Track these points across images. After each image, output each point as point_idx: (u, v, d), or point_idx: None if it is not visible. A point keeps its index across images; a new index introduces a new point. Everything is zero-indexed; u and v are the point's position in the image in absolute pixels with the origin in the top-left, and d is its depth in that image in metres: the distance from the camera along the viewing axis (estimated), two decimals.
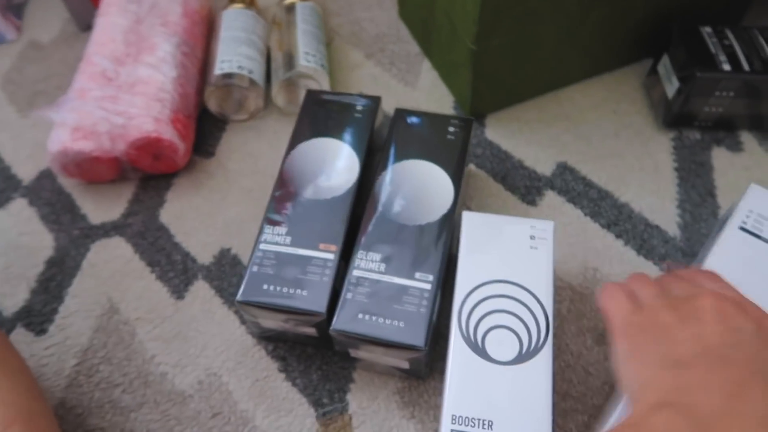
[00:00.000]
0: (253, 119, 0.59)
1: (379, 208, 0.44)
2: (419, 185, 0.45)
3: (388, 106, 0.59)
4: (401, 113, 0.49)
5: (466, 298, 0.39)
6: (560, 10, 0.50)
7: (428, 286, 0.40)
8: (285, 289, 0.41)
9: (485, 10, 0.47)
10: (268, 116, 0.60)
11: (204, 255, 0.51)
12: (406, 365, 0.41)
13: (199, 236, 0.52)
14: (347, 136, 0.48)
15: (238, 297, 0.41)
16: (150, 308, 0.49)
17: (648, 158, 0.55)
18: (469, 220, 0.42)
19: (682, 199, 0.52)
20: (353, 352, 0.42)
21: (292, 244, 0.43)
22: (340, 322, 0.40)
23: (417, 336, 0.39)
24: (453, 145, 0.47)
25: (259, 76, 0.57)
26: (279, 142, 0.57)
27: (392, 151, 0.47)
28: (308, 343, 0.46)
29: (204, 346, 0.47)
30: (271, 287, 0.41)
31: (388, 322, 0.39)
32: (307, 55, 0.57)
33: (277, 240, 0.43)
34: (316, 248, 0.42)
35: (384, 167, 0.46)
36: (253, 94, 0.57)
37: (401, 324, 0.39)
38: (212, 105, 0.57)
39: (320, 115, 0.49)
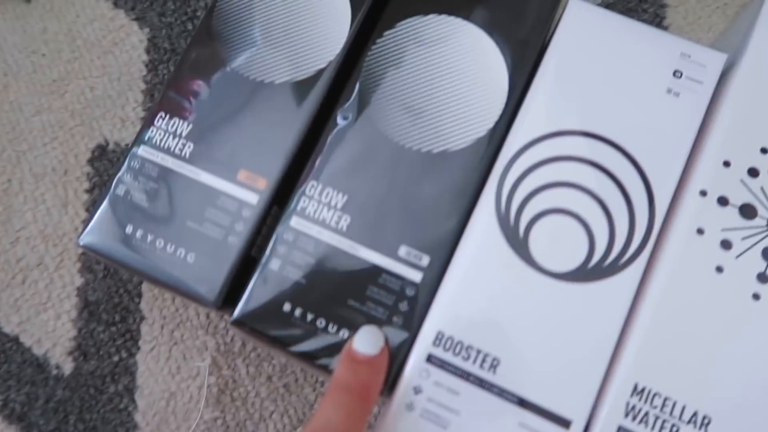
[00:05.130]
0: None
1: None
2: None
3: None
4: None
5: (515, 157, 0.23)
6: None
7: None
8: (160, 243, 0.25)
9: None
10: None
11: None
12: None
13: None
14: None
15: (80, 240, 0.25)
16: None
17: None
18: (575, 13, 0.24)
19: None
20: None
21: (191, 161, 0.25)
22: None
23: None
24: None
25: None
26: (33, 19, 0.36)
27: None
28: None
29: None
30: (138, 232, 0.25)
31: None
32: None
33: (168, 144, 0.25)
34: (232, 179, 0.25)
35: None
36: None
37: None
38: None
39: None
